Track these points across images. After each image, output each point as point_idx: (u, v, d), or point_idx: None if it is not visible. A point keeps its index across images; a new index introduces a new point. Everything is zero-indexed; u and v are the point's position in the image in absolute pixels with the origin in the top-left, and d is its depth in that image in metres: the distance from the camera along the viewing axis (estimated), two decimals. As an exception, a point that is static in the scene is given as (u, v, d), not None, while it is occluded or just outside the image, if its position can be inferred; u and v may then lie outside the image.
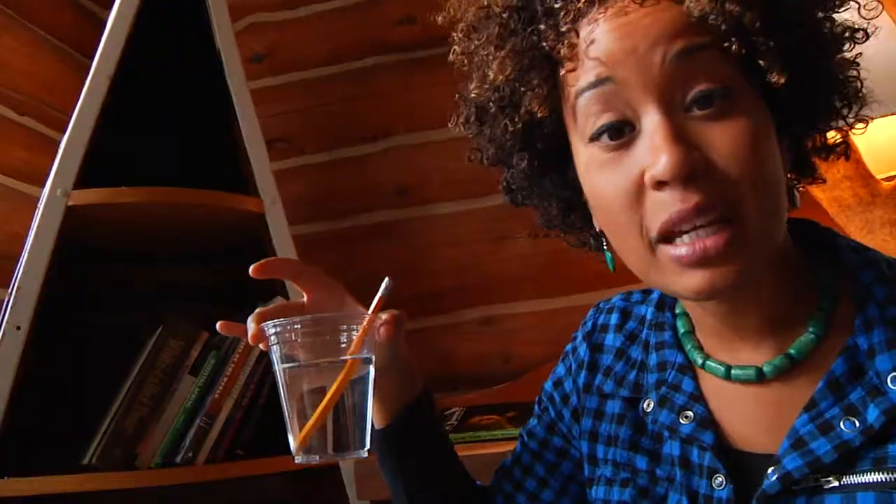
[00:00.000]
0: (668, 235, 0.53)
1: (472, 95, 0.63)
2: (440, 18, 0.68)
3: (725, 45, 0.52)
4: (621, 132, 0.55)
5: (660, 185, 0.52)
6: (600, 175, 0.57)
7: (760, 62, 0.53)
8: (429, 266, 1.69)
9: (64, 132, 1.67)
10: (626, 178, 0.54)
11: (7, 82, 1.53)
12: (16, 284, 1.15)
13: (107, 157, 1.26)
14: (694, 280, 0.54)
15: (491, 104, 0.62)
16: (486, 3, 0.61)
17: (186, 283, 1.49)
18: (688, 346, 0.66)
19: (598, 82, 0.54)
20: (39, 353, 1.17)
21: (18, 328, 1.12)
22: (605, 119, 0.55)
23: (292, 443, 0.63)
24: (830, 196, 1.25)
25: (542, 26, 0.57)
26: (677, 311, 0.69)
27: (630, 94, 0.53)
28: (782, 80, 0.52)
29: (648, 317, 0.71)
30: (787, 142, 0.59)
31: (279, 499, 1.47)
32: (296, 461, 0.64)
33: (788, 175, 0.61)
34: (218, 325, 0.75)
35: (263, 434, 1.31)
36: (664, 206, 0.53)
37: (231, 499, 1.41)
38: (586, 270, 1.60)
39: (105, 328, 1.39)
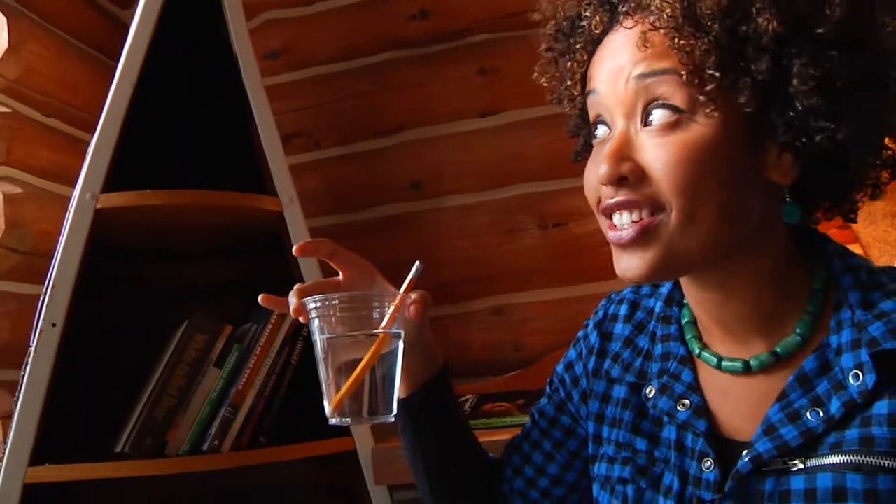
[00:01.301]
0: (607, 214, 0.66)
1: (545, 82, 0.77)
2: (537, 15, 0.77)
3: (682, 72, 0.60)
4: (605, 133, 0.68)
5: (601, 183, 0.65)
6: (588, 166, 0.70)
7: (705, 89, 0.59)
8: (441, 257, 1.73)
9: (88, 132, 1.73)
10: (594, 172, 0.67)
11: (33, 85, 1.58)
12: (50, 283, 1.21)
13: (130, 158, 1.32)
14: (618, 264, 0.66)
15: (561, 91, 0.76)
16: (559, 7, 0.74)
17: (209, 278, 1.55)
18: (688, 336, 0.72)
19: (590, 91, 0.68)
20: (73, 348, 1.23)
21: (54, 325, 1.19)
22: (594, 120, 0.69)
23: (327, 407, 0.70)
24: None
25: (572, 40, 0.71)
26: (684, 301, 0.75)
27: (607, 105, 0.66)
28: (716, 115, 0.60)
29: (657, 310, 0.77)
30: (777, 151, 0.63)
31: (300, 484, 1.53)
32: (330, 423, 0.70)
33: (788, 188, 0.65)
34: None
35: (284, 423, 1.38)
36: (605, 196, 0.66)
37: (254, 484, 1.48)
38: (594, 261, 1.64)
39: (133, 323, 1.46)
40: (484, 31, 1.75)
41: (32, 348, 1.20)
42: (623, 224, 0.64)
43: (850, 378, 0.60)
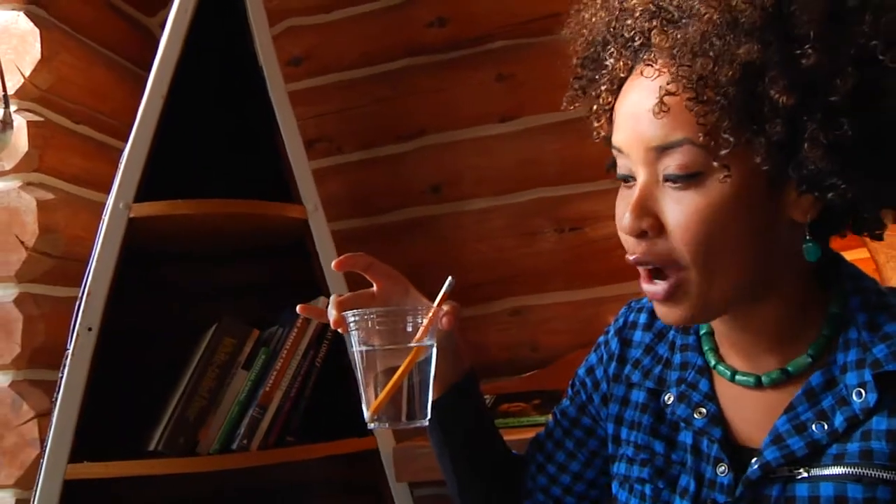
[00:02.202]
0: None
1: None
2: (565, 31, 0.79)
3: (697, 140, 0.62)
4: (629, 180, 0.70)
5: (623, 232, 0.68)
6: (618, 202, 0.72)
7: (720, 153, 0.61)
8: (461, 260, 1.77)
9: (117, 138, 1.78)
10: (622, 211, 0.69)
11: (65, 94, 1.63)
12: (86, 290, 1.27)
13: (158, 166, 1.36)
14: (657, 310, 0.70)
15: (592, 119, 0.78)
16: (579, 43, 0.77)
17: (235, 281, 1.60)
18: (706, 347, 0.76)
19: (617, 150, 0.70)
20: (107, 350, 1.28)
21: (90, 329, 1.24)
22: (620, 172, 0.71)
23: (366, 412, 0.74)
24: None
25: (596, 77, 0.74)
26: None
27: (631, 158, 0.68)
28: (729, 178, 0.62)
29: None
30: (798, 194, 0.64)
31: (324, 481, 1.58)
32: (369, 427, 0.75)
33: (809, 224, 0.66)
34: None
35: (310, 422, 1.42)
36: (628, 244, 0.69)
37: (281, 481, 1.53)
38: (610, 264, 1.67)
39: (162, 325, 1.51)
40: (502, 38, 1.78)
41: (70, 351, 1.25)
42: (650, 283, 0.68)
43: (854, 395, 0.64)
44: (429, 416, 0.76)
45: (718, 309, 0.69)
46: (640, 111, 0.66)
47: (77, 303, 1.29)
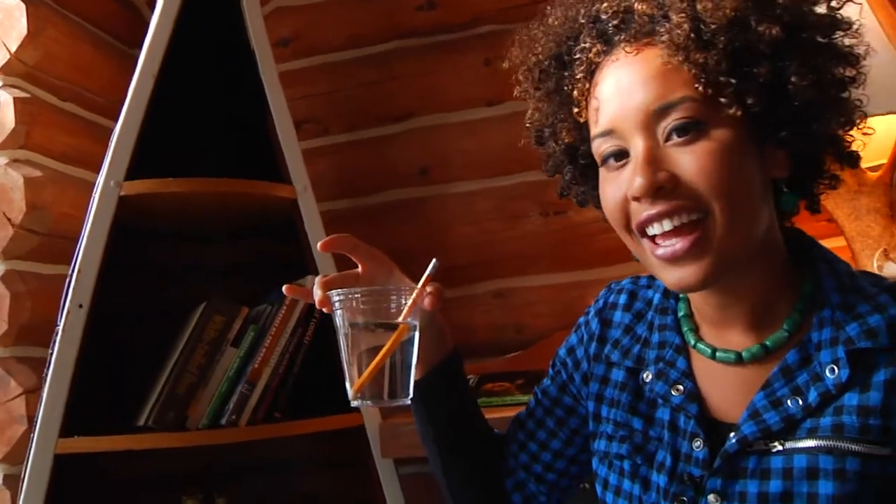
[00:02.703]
0: (642, 230, 0.70)
1: (528, 124, 0.83)
2: (505, 64, 0.83)
3: (696, 88, 0.66)
4: (619, 158, 0.72)
5: (635, 199, 0.69)
6: (606, 188, 0.74)
7: (721, 100, 0.66)
8: (446, 242, 1.80)
9: (103, 116, 1.78)
10: (618, 192, 0.72)
11: (50, 71, 1.62)
12: (76, 267, 1.27)
13: (147, 145, 1.37)
14: (672, 276, 0.70)
15: (544, 130, 0.81)
16: (530, 51, 0.80)
17: (224, 260, 1.61)
18: (685, 328, 0.79)
19: (605, 132, 0.72)
20: (98, 328, 1.29)
21: (80, 306, 1.25)
22: (609, 149, 0.72)
23: (349, 390, 0.76)
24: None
25: (565, 73, 0.75)
26: (681, 295, 0.81)
27: (625, 133, 0.70)
28: (739, 113, 0.66)
29: (655, 301, 0.84)
30: (775, 150, 0.71)
31: (312, 457, 1.60)
32: (352, 404, 0.76)
33: (784, 180, 0.73)
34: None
35: (297, 399, 1.44)
36: (638, 211, 0.70)
37: (269, 457, 1.55)
38: (593, 248, 1.71)
39: (151, 303, 1.52)
40: (490, 23, 1.80)
41: (60, 328, 1.26)
42: (665, 230, 0.68)
43: (827, 371, 0.68)
44: (411, 395, 0.78)
45: (732, 263, 0.69)
46: (630, 85, 0.69)
47: (67, 280, 1.30)
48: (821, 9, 0.70)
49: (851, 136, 0.73)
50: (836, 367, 0.67)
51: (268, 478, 1.59)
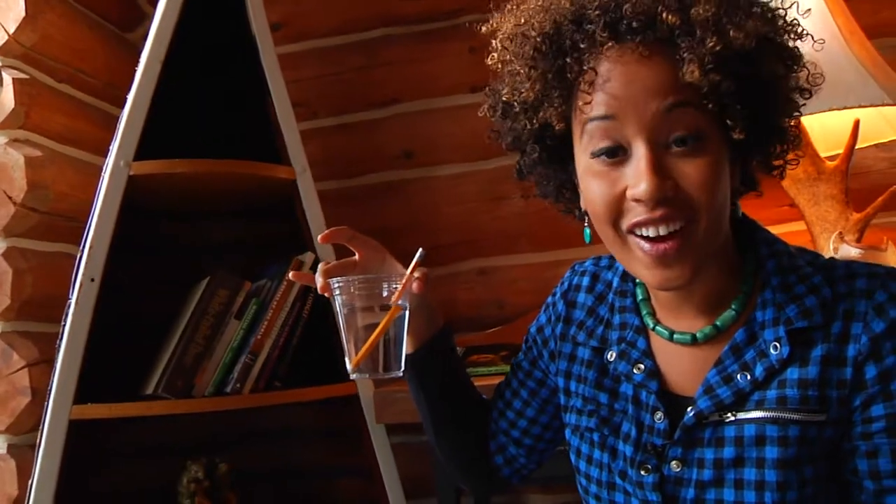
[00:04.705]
0: (633, 230, 0.73)
1: (504, 97, 0.79)
2: (484, 28, 0.83)
3: (704, 102, 0.69)
4: (615, 154, 0.72)
5: (637, 201, 0.71)
6: (594, 181, 0.74)
7: (728, 121, 0.71)
8: (431, 222, 1.86)
9: (97, 98, 1.82)
10: (612, 189, 0.73)
11: (48, 53, 1.65)
12: (87, 243, 1.33)
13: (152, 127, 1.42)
14: (656, 276, 0.74)
15: (516, 105, 0.78)
16: (522, 21, 0.77)
17: (225, 237, 1.67)
18: (643, 312, 0.86)
19: (605, 117, 0.72)
20: (109, 301, 1.36)
21: (93, 280, 1.31)
22: (606, 144, 0.72)
23: (349, 364, 0.85)
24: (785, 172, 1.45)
25: (568, 59, 0.73)
26: (637, 280, 0.88)
27: (627, 128, 0.71)
28: (741, 137, 0.71)
29: (615, 284, 0.90)
30: (739, 167, 0.78)
31: (309, 426, 1.68)
32: (351, 377, 0.86)
33: (737, 190, 0.80)
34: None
35: (297, 368, 1.52)
36: (636, 212, 0.72)
37: (272, 420, 1.63)
38: (572, 228, 1.74)
39: (155, 277, 1.58)
40: (474, 12, 1.87)
41: (73, 300, 1.32)
42: (660, 234, 0.71)
43: (771, 348, 0.75)
44: (402, 368, 0.86)
45: (706, 264, 0.75)
46: (643, 86, 0.70)
47: (78, 255, 1.36)
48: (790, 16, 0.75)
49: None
50: (778, 345, 0.74)
51: (266, 446, 1.66)
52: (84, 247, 1.34)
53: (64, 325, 1.32)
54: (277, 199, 1.54)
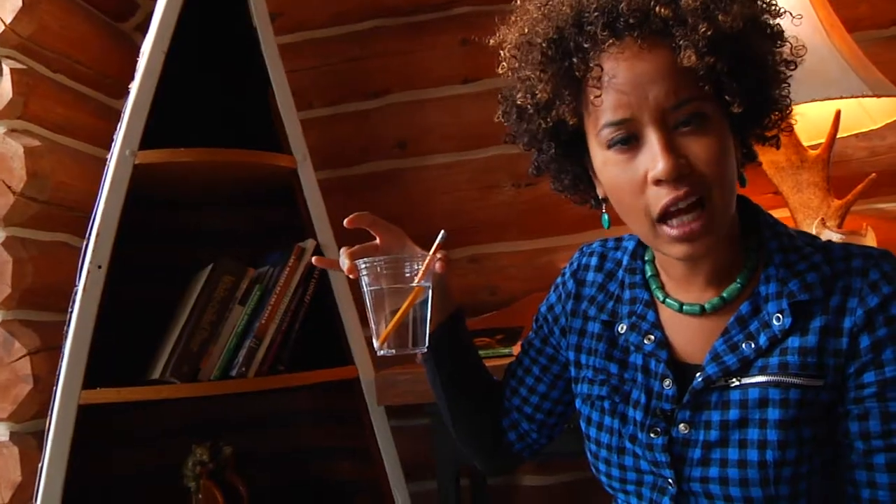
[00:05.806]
0: (663, 216, 0.78)
1: (518, 101, 0.85)
2: (491, 41, 0.89)
3: (702, 84, 0.75)
4: (628, 142, 0.78)
5: (658, 182, 0.77)
6: (615, 171, 0.80)
7: (726, 97, 0.77)
8: (424, 210, 1.91)
9: (93, 88, 1.82)
10: (634, 175, 0.78)
11: (44, 43, 1.65)
12: (94, 231, 1.35)
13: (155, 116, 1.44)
14: (683, 250, 0.79)
15: (530, 107, 0.84)
16: (526, 30, 0.83)
17: (226, 225, 1.69)
18: (653, 287, 0.92)
19: (620, 121, 0.77)
20: (115, 287, 1.38)
21: (100, 267, 1.33)
22: (620, 135, 0.78)
23: (375, 342, 0.88)
24: (769, 160, 1.50)
25: (574, 59, 0.78)
26: (646, 258, 0.94)
27: (638, 121, 0.77)
28: (740, 110, 0.78)
29: (624, 262, 0.96)
30: (740, 142, 0.85)
31: (312, 410, 1.71)
32: (378, 354, 0.89)
33: (740, 161, 0.86)
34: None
35: (300, 353, 1.55)
36: (660, 195, 0.77)
37: (274, 405, 1.66)
38: (562, 216, 1.84)
39: (158, 264, 1.60)
40: (466, 4, 1.91)
41: (80, 287, 1.34)
42: (686, 220, 0.77)
43: (774, 320, 0.81)
44: (427, 344, 0.90)
45: (720, 235, 0.80)
46: (647, 79, 0.75)
47: (84, 243, 1.37)
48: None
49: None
50: (781, 316, 0.80)
51: (269, 429, 1.69)
52: (90, 235, 1.35)
53: (71, 312, 1.34)
54: (278, 188, 1.57)
